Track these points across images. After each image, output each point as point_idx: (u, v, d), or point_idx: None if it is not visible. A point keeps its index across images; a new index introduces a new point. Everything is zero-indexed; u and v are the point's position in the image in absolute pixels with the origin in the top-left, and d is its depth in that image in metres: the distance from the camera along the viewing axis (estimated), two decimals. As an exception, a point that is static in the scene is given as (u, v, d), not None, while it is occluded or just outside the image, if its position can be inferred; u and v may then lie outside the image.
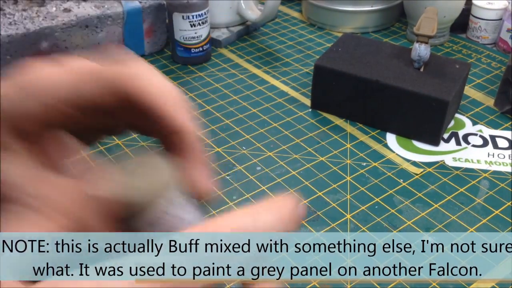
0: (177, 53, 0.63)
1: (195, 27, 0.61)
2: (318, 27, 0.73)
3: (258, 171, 0.47)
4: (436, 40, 0.68)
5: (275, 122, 0.54)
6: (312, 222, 0.42)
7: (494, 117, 0.55)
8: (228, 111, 0.55)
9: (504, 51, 0.67)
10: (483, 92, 0.59)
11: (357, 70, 0.52)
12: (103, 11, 0.59)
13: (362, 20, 0.71)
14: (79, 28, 0.58)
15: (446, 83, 0.50)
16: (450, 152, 0.50)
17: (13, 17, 0.56)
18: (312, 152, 0.50)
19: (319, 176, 0.47)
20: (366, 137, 0.52)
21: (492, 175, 0.47)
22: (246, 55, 0.66)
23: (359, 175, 0.47)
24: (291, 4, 0.80)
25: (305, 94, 0.58)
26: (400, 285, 0.37)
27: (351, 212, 0.43)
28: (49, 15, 0.57)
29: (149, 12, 0.62)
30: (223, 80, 0.61)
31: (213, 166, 0.48)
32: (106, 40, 0.61)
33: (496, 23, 0.67)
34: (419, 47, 0.51)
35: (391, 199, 0.45)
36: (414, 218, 0.43)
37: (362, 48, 0.56)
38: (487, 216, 0.43)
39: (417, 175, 0.47)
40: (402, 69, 0.52)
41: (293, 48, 0.68)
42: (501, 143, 0.51)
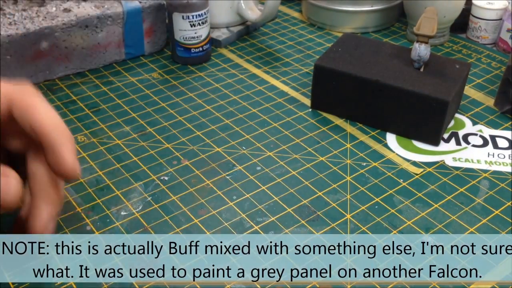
0: (177, 53, 0.63)
1: (195, 27, 0.61)
2: (318, 27, 0.73)
3: (258, 171, 0.47)
4: (436, 40, 0.68)
5: (275, 122, 0.54)
6: (312, 222, 0.42)
7: (494, 117, 0.55)
8: (228, 111, 0.55)
9: (504, 51, 0.67)
10: (483, 92, 0.59)
11: (357, 70, 0.52)
12: (103, 11, 0.59)
13: (362, 20, 0.71)
14: (79, 28, 0.58)
15: (446, 83, 0.50)
16: (450, 152, 0.50)
17: (13, 17, 0.56)
18: (312, 152, 0.50)
19: (319, 176, 0.47)
20: (366, 137, 0.52)
21: (492, 175, 0.47)
22: (246, 55, 0.66)
23: (359, 175, 0.47)
24: (291, 4, 0.80)
25: (305, 94, 0.58)
26: (400, 285, 0.37)
27: (351, 212, 0.43)
28: (49, 15, 0.57)
29: (149, 12, 0.62)
30: (223, 80, 0.61)
31: (213, 166, 0.48)
32: (106, 40, 0.61)
33: (496, 23, 0.67)
34: (419, 47, 0.51)
35: (391, 199, 0.45)
36: (414, 218, 0.43)
37: (362, 48, 0.56)
38: (487, 216, 0.43)
39: (417, 175, 0.47)
40: (402, 69, 0.52)
41: (293, 48, 0.68)
42: (501, 143, 0.51)
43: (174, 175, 0.47)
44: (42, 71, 0.58)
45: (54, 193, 0.35)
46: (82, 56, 0.60)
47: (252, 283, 0.37)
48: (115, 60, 0.63)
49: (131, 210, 0.43)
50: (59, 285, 0.37)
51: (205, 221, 0.42)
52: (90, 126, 0.53)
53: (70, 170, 0.34)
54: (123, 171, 0.47)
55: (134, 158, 0.49)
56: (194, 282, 0.37)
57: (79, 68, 0.61)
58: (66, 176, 0.34)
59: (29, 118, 0.33)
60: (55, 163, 0.33)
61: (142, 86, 0.59)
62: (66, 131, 0.34)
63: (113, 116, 0.54)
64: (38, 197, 0.35)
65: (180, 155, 0.49)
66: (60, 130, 0.34)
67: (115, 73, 0.62)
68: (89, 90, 0.58)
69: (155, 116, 0.54)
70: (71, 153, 0.33)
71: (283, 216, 0.43)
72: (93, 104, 0.56)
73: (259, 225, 0.42)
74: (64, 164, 0.33)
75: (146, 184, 0.46)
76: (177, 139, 0.51)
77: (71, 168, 0.33)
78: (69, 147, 0.34)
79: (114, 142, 0.51)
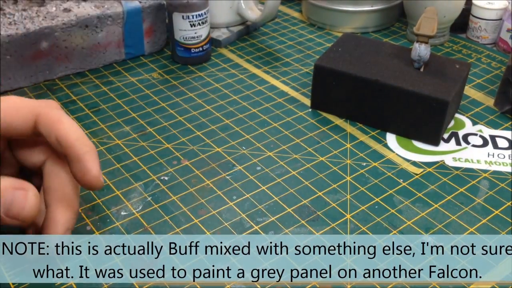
0: (177, 53, 0.63)
1: (195, 27, 0.61)
2: (318, 27, 0.73)
3: (258, 171, 0.47)
4: (436, 40, 0.68)
5: (275, 122, 0.54)
6: (312, 222, 0.42)
7: (494, 117, 0.55)
8: (228, 111, 0.55)
9: (504, 51, 0.67)
10: (483, 92, 0.59)
11: (357, 70, 0.52)
12: (103, 11, 0.59)
13: (362, 20, 0.71)
14: (79, 28, 0.58)
15: (446, 83, 0.50)
16: (450, 152, 0.50)
17: (13, 17, 0.56)
18: (312, 152, 0.50)
19: (319, 176, 0.47)
20: (366, 137, 0.52)
21: (492, 175, 0.47)
22: (246, 55, 0.66)
23: (359, 175, 0.47)
24: (291, 4, 0.80)
25: (305, 94, 0.58)
26: (400, 285, 0.37)
27: (351, 212, 0.43)
28: (49, 15, 0.57)
29: (149, 12, 0.62)
30: (223, 80, 0.61)
31: (213, 166, 0.48)
32: (106, 40, 0.61)
33: (496, 23, 0.67)
34: (419, 47, 0.51)
35: (391, 199, 0.45)
36: (414, 218, 0.43)
37: (362, 48, 0.56)
38: (487, 216, 0.43)
39: (417, 175, 0.47)
40: (402, 69, 0.52)
41: (293, 48, 0.68)
42: (501, 143, 0.51)
43: (174, 175, 0.47)
44: (42, 71, 0.58)
45: (72, 203, 0.36)
46: (82, 56, 0.60)
47: (252, 283, 0.37)
48: (115, 60, 0.63)
49: (131, 210, 0.43)
50: (59, 285, 0.37)
51: (205, 221, 0.42)
52: (90, 126, 0.53)
53: (95, 180, 0.35)
54: (123, 171, 0.47)
55: (134, 158, 0.49)
56: (194, 283, 0.37)
57: (79, 68, 0.61)
58: (90, 185, 0.35)
59: (55, 131, 0.35)
60: (80, 173, 0.35)
61: (142, 86, 0.59)
62: (89, 143, 0.36)
63: (113, 116, 0.54)
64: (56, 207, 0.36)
65: (180, 155, 0.49)
66: (84, 141, 0.35)
67: (115, 73, 0.62)
68: (89, 90, 0.58)
69: (155, 116, 0.54)
70: (95, 164, 0.35)
71: (283, 216, 0.43)
72: (93, 104, 0.56)
73: (259, 225, 0.42)
74: (89, 174, 0.35)
75: (146, 184, 0.46)
76: (177, 139, 0.51)
77: (96, 177, 0.35)
78: (93, 157, 0.35)
79: (114, 142, 0.51)
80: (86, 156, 0.35)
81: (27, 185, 0.33)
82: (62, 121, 0.35)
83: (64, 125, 0.35)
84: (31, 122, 0.36)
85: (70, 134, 0.35)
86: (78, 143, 0.35)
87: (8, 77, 0.56)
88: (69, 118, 0.36)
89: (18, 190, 0.33)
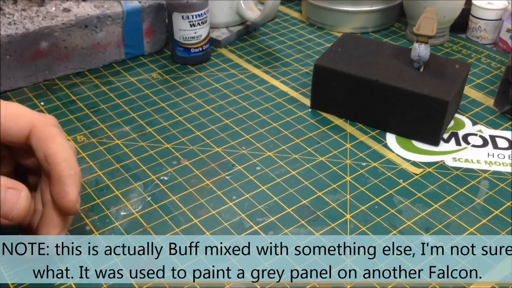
0: (176, 53, 0.63)
1: (195, 27, 0.61)
2: (318, 27, 0.73)
3: (258, 171, 0.47)
4: (436, 40, 0.68)
5: (275, 122, 0.54)
6: (312, 222, 0.42)
7: (494, 117, 0.55)
8: (228, 111, 0.55)
9: (504, 51, 0.67)
10: (483, 92, 0.59)
11: (357, 70, 0.52)
12: (103, 11, 0.59)
13: (362, 20, 0.71)
14: (78, 28, 0.58)
15: (446, 83, 0.50)
16: (450, 152, 0.50)
17: (12, 17, 0.56)
18: (312, 152, 0.50)
19: (319, 176, 0.47)
20: (366, 137, 0.52)
21: (492, 175, 0.47)
22: (246, 55, 0.66)
23: (359, 175, 0.47)
24: (291, 4, 0.80)
25: (305, 94, 0.58)
26: (400, 286, 0.37)
27: (351, 212, 0.43)
28: (48, 15, 0.57)
29: (148, 12, 0.62)
30: (223, 80, 0.61)
31: (213, 166, 0.48)
32: (105, 40, 0.61)
33: (496, 23, 0.67)
34: (419, 47, 0.51)
35: (391, 199, 0.45)
36: (414, 218, 0.43)
37: (362, 48, 0.56)
38: (487, 216, 0.43)
39: (417, 175, 0.47)
40: (402, 69, 0.52)
41: (293, 48, 0.68)
42: (501, 143, 0.51)
43: (174, 175, 0.47)
44: (41, 71, 0.58)
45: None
46: (82, 56, 0.60)
47: (252, 283, 0.37)
48: (115, 60, 0.63)
49: (130, 210, 0.43)
50: (59, 285, 0.37)
51: (205, 221, 0.42)
52: (90, 126, 0.53)
53: (71, 204, 0.34)
54: (123, 171, 0.47)
55: (134, 158, 0.49)
56: (194, 283, 0.37)
57: (79, 68, 0.61)
58: (66, 209, 0.35)
59: (45, 148, 0.35)
60: (58, 195, 0.34)
61: (141, 86, 0.59)
62: (76, 167, 0.35)
63: (113, 116, 0.54)
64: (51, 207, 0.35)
65: (179, 155, 0.49)
66: (70, 164, 0.35)
67: (114, 73, 0.62)
68: (89, 90, 0.58)
69: (154, 116, 0.54)
70: (75, 188, 0.35)
71: (283, 216, 0.43)
72: (93, 104, 0.56)
73: (258, 225, 0.42)
74: (66, 197, 0.34)
75: (145, 184, 0.46)
76: (177, 139, 0.51)
77: (72, 202, 0.34)
78: (75, 182, 0.35)
79: (114, 142, 0.51)
80: (68, 180, 0.34)
81: (20, 186, 0.33)
82: (56, 139, 0.35)
83: (56, 144, 0.35)
84: (25, 132, 0.35)
85: (59, 154, 0.35)
86: (64, 164, 0.34)
87: (8, 77, 0.56)
88: (63, 138, 0.36)
89: (10, 190, 0.33)
